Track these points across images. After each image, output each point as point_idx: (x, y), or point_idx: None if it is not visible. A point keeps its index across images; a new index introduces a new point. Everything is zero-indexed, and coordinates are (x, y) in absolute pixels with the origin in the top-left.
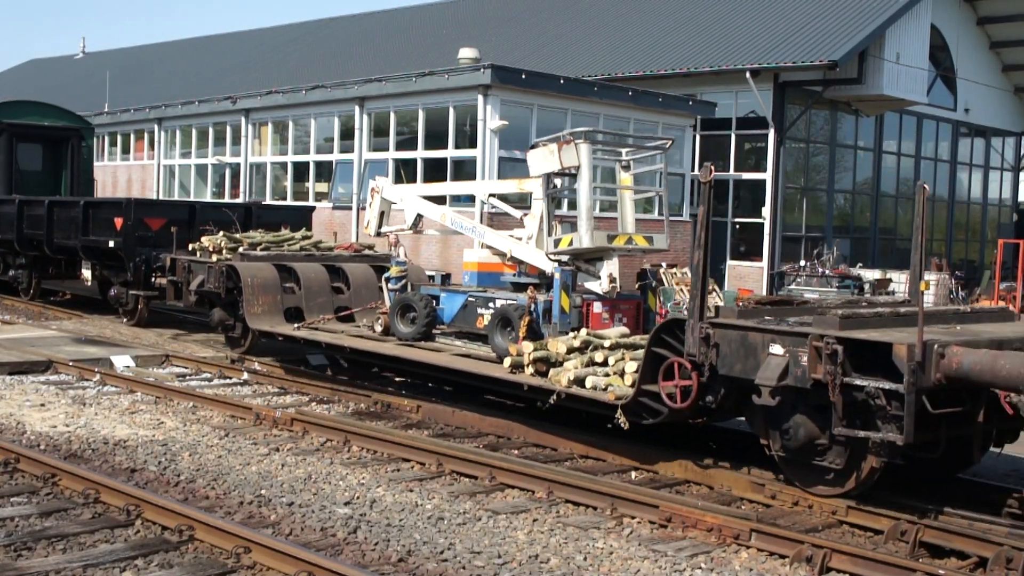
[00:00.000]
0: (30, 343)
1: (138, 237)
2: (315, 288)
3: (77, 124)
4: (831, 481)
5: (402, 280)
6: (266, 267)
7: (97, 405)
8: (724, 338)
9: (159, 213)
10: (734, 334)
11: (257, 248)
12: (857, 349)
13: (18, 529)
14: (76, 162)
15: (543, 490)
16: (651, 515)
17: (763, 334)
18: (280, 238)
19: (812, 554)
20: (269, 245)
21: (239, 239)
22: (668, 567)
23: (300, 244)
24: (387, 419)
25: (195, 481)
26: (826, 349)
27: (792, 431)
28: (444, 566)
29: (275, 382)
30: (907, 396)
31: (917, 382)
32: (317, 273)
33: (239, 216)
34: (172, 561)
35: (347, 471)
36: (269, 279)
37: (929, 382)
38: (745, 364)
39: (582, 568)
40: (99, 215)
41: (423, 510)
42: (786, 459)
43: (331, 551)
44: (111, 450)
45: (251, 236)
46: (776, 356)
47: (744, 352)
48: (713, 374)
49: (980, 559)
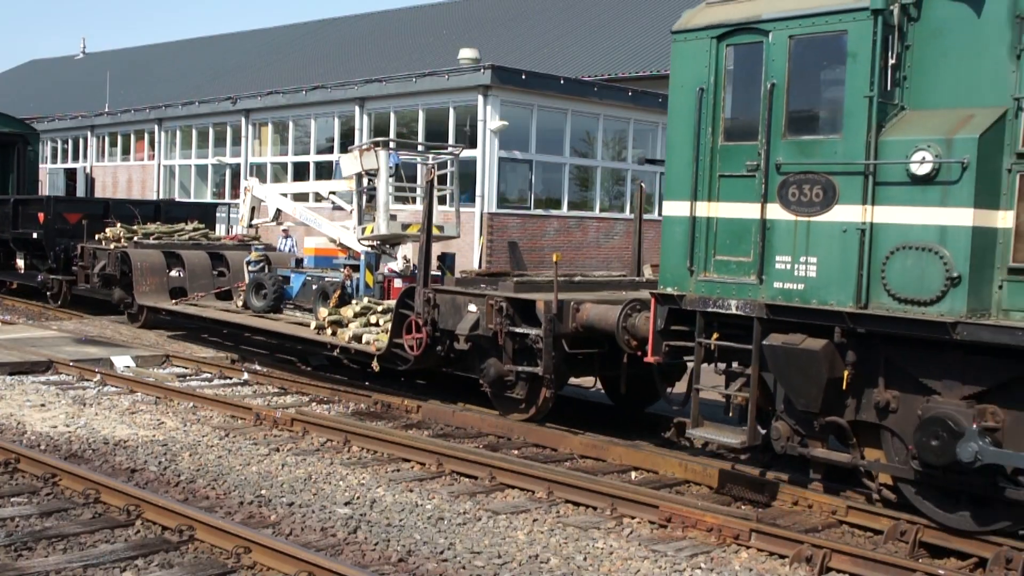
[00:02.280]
0: (30, 343)
1: (57, 229)
2: (198, 271)
3: (23, 130)
4: (520, 409)
5: (260, 263)
6: (155, 253)
7: (97, 405)
8: (442, 300)
9: (76, 208)
10: (447, 297)
11: (150, 238)
12: (518, 306)
13: (18, 529)
14: (22, 165)
15: (543, 490)
16: (651, 515)
17: (464, 296)
18: (172, 230)
19: (812, 554)
20: (161, 235)
21: (135, 230)
22: (668, 567)
23: (189, 234)
24: (387, 419)
25: (195, 481)
26: (496, 306)
27: (486, 370)
28: (444, 566)
29: (275, 382)
30: (544, 339)
31: (554, 329)
32: (200, 259)
33: (151, 211)
34: (172, 561)
35: (347, 471)
36: (156, 263)
37: (568, 329)
38: (454, 320)
39: (582, 568)
40: (27, 211)
41: (423, 510)
42: (492, 392)
43: (331, 551)
44: (111, 450)
45: (146, 228)
46: (471, 313)
47: (454, 310)
48: (436, 328)
49: (980, 559)
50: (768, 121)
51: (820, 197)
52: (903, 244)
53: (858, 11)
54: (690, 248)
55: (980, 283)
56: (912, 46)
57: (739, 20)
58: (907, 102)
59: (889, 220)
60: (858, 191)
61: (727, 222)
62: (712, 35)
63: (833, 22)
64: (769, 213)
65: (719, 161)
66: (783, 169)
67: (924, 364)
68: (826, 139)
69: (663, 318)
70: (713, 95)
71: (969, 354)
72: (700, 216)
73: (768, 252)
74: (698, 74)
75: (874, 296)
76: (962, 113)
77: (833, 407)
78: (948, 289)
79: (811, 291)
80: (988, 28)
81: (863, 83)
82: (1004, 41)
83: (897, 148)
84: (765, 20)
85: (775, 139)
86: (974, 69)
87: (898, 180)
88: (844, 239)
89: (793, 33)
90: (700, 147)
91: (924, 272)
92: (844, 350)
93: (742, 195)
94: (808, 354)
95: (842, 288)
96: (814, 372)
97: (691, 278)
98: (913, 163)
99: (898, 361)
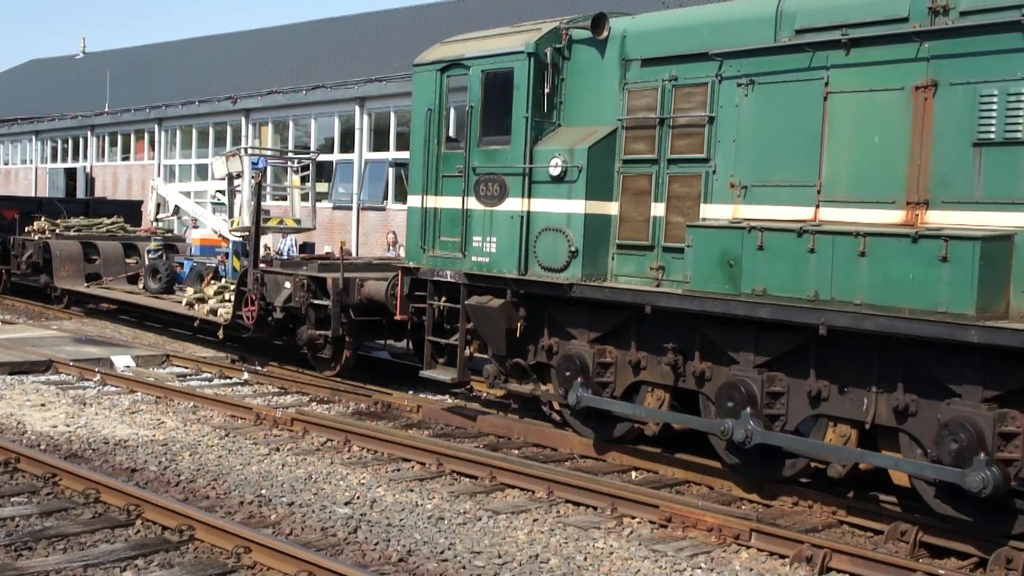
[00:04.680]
0: (30, 343)
1: None
2: (111, 259)
3: None
4: (331, 367)
5: (159, 251)
6: (73, 244)
7: (97, 405)
8: (268, 279)
9: (11, 206)
10: (271, 276)
11: (71, 230)
12: (318, 283)
13: (19, 529)
14: None
15: (543, 490)
16: (651, 515)
17: (281, 275)
18: (92, 223)
19: (812, 554)
20: (81, 228)
21: (58, 223)
22: (668, 567)
23: (107, 227)
24: (387, 419)
25: (195, 481)
26: (300, 283)
27: (300, 335)
28: (444, 566)
29: (275, 382)
30: (332, 308)
31: (341, 300)
32: (115, 248)
33: (81, 208)
34: (172, 561)
35: (347, 471)
36: (73, 252)
37: (354, 300)
38: (277, 295)
39: (582, 568)
40: None
41: (423, 510)
42: (309, 355)
43: (331, 551)
44: (111, 450)
45: (69, 222)
46: (286, 288)
47: (275, 287)
48: (265, 301)
49: (980, 559)
50: (469, 134)
51: (498, 192)
52: (546, 227)
53: (519, 54)
54: (422, 232)
55: (595, 255)
56: (566, 79)
57: (452, 57)
58: (563, 120)
59: (539, 209)
60: (520, 188)
61: (447, 211)
62: (437, 68)
63: (507, 61)
64: (468, 204)
65: (442, 165)
66: (477, 171)
67: (566, 317)
68: (501, 148)
69: (407, 286)
70: (438, 114)
71: (592, 308)
72: (429, 207)
73: (468, 234)
74: (428, 98)
75: (531, 266)
76: (590, 129)
77: (517, 351)
78: (571, 260)
79: (493, 263)
80: (607, 67)
81: (523, 107)
82: (616, 77)
83: (543, 156)
84: (467, 58)
85: (472, 148)
86: (599, 97)
87: (544, 179)
88: (512, 223)
89: (484, 68)
90: (429, 154)
91: (557, 247)
92: (517, 307)
93: (455, 191)
94: (490, 310)
95: (511, 260)
96: (497, 324)
97: (424, 255)
98: (551, 167)
99: (555, 315)
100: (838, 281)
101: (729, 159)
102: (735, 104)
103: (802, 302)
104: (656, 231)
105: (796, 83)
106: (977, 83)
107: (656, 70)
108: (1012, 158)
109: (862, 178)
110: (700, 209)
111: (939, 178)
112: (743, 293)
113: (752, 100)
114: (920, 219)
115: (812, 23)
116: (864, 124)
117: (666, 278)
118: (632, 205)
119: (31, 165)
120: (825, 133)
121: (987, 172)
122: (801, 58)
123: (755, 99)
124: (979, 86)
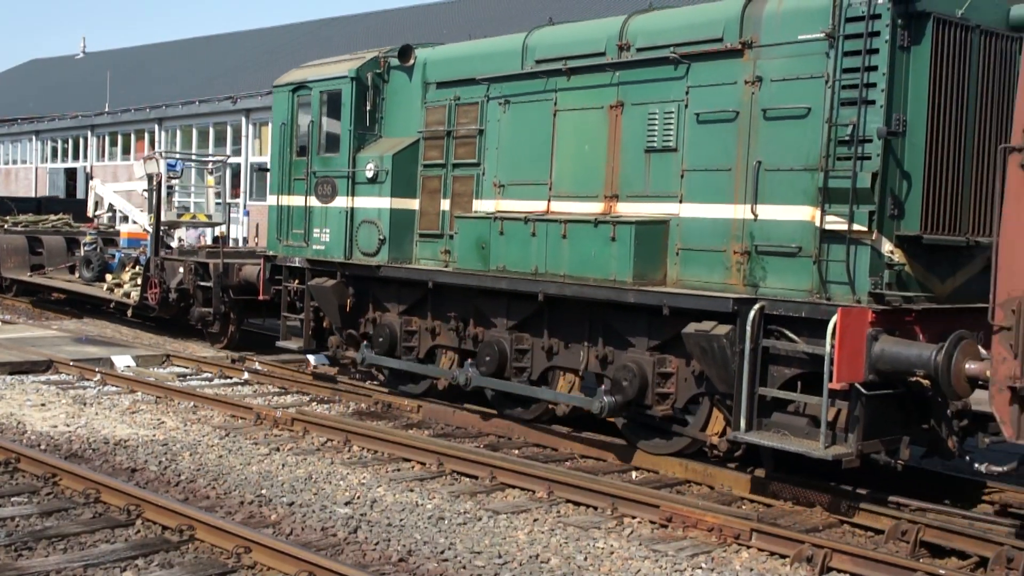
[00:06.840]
0: (31, 343)
1: None
2: (55, 252)
3: None
4: (220, 341)
5: (93, 244)
6: (19, 238)
7: (98, 405)
8: (166, 265)
9: None
10: (169, 262)
11: (18, 226)
12: (203, 268)
13: (19, 529)
14: None
15: (543, 490)
16: (652, 515)
17: (176, 261)
18: (38, 219)
19: (812, 554)
20: (28, 224)
21: (6, 219)
22: (668, 567)
23: (52, 223)
24: (387, 419)
25: (195, 481)
26: (189, 267)
27: (192, 312)
28: (444, 566)
29: (275, 382)
30: (214, 289)
31: (221, 282)
32: (58, 242)
33: (33, 206)
34: (172, 561)
35: (348, 471)
36: (19, 245)
37: (234, 282)
38: (173, 279)
39: (582, 568)
40: None
41: (423, 510)
42: (203, 330)
43: (331, 551)
44: (112, 450)
45: (16, 218)
46: (180, 273)
47: (172, 272)
48: (165, 285)
49: (980, 559)
50: (311, 144)
51: (330, 192)
52: (364, 219)
53: (344, 78)
54: (279, 225)
55: (401, 243)
56: (386, 98)
57: (300, 80)
58: (384, 132)
59: (360, 205)
60: (346, 188)
61: (296, 208)
62: (289, 89)
63: (336, 84)
64: (310, 202)
65: (293, 170)
66: (316, 175)
67: (383, 293)
68: (333, 156)
69: (268, 271)
70: (290, 128)
71: (401, 286)
72: (284, 205)
73: (310, 227)
74: (283, 114)
75: (354, 252)
76: (399, 140)
77: (350, 324)
78: (380, 246)
79: (327, 250)
80: (413, 89)
81: (348, 121)
82: (419, 97)
83: (362, 161)
84: (310, 81)
85: (314, 156)
86: (408, 113)
87: (363, 181)
88: (340, 217)
89: (322, 89)
90: (284, 161)
91: (371, 236)
92: (347, 286)
93: (302, 191)
94: (325, 289)
95: (339, 247)
96: (332, 301)
97: (280, 244)
98: (367, 171)
99: (376, 292)
100: (551, 258)
101: (493, 163)
102: (497, 119)
103: (528, 275)
104: (444, 222)
105: (536, 103)
106: (647, 103)
107: (446, 91)
108: (667, 162)
109: (577, 178)
110: (473, 204)
111: (625, 178)
112: (491, 269)
113: (508, 116)
114: (613, 210)
115: (545, 55)
116: (579, 135)
117: (451, 260)
118: (428, 201)
119: (31, 165)
120: (555, 142)
121: (653, 172)
122: (538, 83)
123: (510, 115)
124: (648, 106)
